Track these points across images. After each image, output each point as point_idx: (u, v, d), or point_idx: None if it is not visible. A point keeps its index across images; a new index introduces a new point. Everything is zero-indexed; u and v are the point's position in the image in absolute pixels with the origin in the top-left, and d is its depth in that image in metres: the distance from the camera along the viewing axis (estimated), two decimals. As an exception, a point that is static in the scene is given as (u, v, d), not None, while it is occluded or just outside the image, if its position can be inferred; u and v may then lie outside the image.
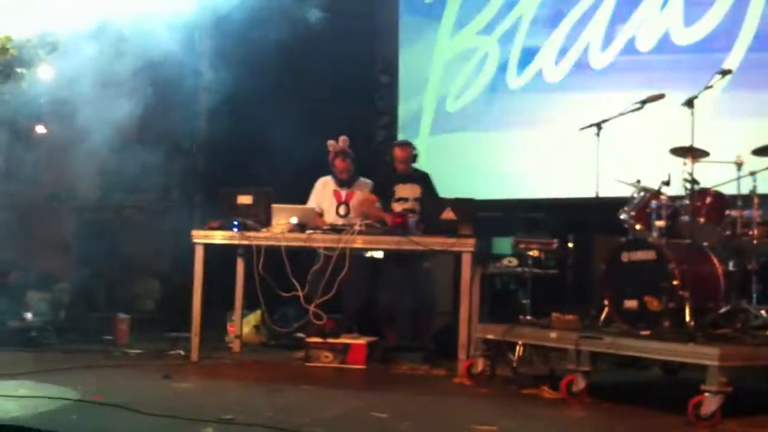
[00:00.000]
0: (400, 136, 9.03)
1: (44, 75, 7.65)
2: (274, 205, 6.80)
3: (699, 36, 7.36)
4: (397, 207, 7.23)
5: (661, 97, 6.27)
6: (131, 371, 6.19)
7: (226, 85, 7.53)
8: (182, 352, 6.77)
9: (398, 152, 7.42)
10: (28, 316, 7.23)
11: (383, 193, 7.35)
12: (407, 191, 7.33)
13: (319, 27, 8.20)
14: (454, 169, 7.83)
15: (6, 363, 6.13)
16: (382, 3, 9.44)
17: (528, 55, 8.36)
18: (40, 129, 8.24)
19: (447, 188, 7.43)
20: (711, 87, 6.07)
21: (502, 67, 8.52)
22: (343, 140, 7.40)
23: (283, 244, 6.58)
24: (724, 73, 6.06)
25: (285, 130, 8.31)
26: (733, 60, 7.05)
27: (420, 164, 7.52)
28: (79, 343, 7.16)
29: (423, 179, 7.40)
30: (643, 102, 6.28)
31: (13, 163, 8.13)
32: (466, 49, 8.80)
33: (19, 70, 7.58)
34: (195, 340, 6.64)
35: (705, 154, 5.97)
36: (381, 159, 8.92)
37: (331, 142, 7.42)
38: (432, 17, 9.05)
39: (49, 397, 4.96)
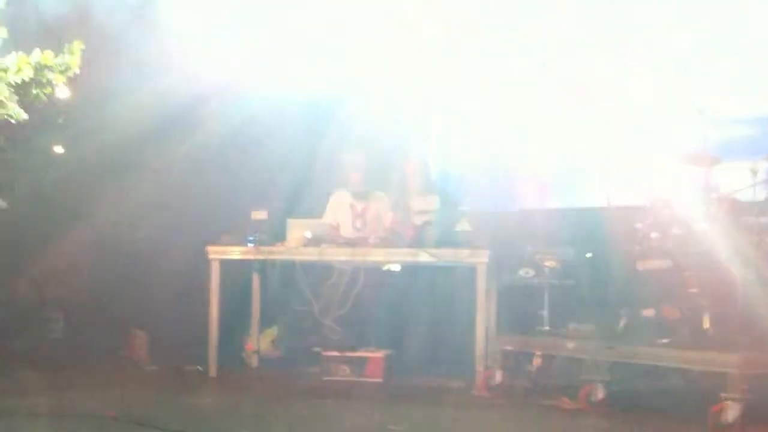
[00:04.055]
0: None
1: (62, 95, 7.75)
2: (289, 220, 6.83)
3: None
4: (417, 219, 7.24)
5: None
6: (148, 387, 6.19)
7: (234, 102, 7.62)
8: (200, 368, 6.77)
9: (406, 168, 7.45)
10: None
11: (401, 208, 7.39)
12: (424, 204, 7.34)
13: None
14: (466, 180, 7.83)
15: (23, 380, 6.15)
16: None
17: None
18: (58, 149, 8.27)
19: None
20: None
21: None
22: (358, 154, 7.41)
23: (298, 258, 6.60)
24: None
25: (301, 145, 8.33)
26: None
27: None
28: (95, 359, 7.18)
29: (435, 190, 7.41)
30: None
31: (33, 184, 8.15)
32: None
33: (35, 91, 7.66)
34: (212, 356, 6.65)
35: (719, 160, 5.95)
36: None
37: (346, 156, 7.43)
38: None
39: (66, 415, 4.98)
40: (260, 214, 6.96)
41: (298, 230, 6.74)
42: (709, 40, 7.29)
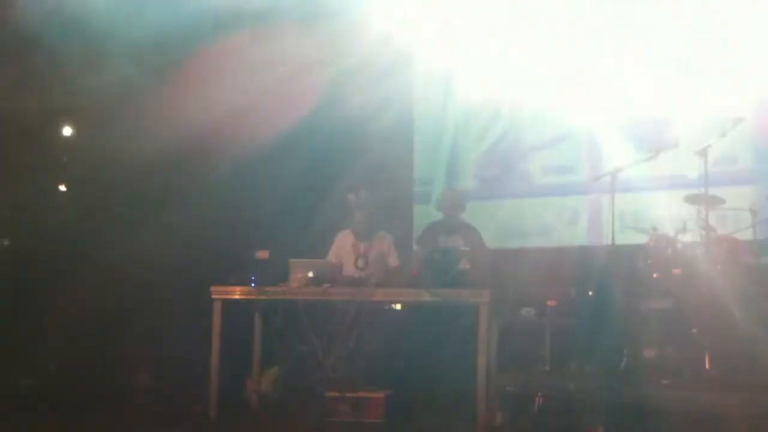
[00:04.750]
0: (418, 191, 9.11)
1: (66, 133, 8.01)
2: (291, 260, 6.83)
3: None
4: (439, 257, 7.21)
5: (675, 145, 6.28)
6: (147, 428, 6.16)
7: (236, 142, 7.69)
8: (200, 408, 6.74)
9: (447, 195, 7.53)
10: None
11: (428, 243, 7.38)
12: (450, 242, 7.33)
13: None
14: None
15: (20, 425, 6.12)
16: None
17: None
18: (61, 187, 8.37)
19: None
20: (725, 135, 6.08)
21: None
22: (362, 194, 7.44)
23: (300, 298, 6.60)
24: (737, 120, 6.06)
25: (303, 184, 8.38)
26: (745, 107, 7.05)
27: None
28: (95, 400, 7.13)
29: (469, 233, 7.40)
30: (657, 150, 6.29)
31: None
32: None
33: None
34: (213, 396, 6.62)
35: (720, 201, 5.96)
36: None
37: (350, 195, 7.46)
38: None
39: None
40: (262, 254, 6.98)
41: (300, 270, 6.75)
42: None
